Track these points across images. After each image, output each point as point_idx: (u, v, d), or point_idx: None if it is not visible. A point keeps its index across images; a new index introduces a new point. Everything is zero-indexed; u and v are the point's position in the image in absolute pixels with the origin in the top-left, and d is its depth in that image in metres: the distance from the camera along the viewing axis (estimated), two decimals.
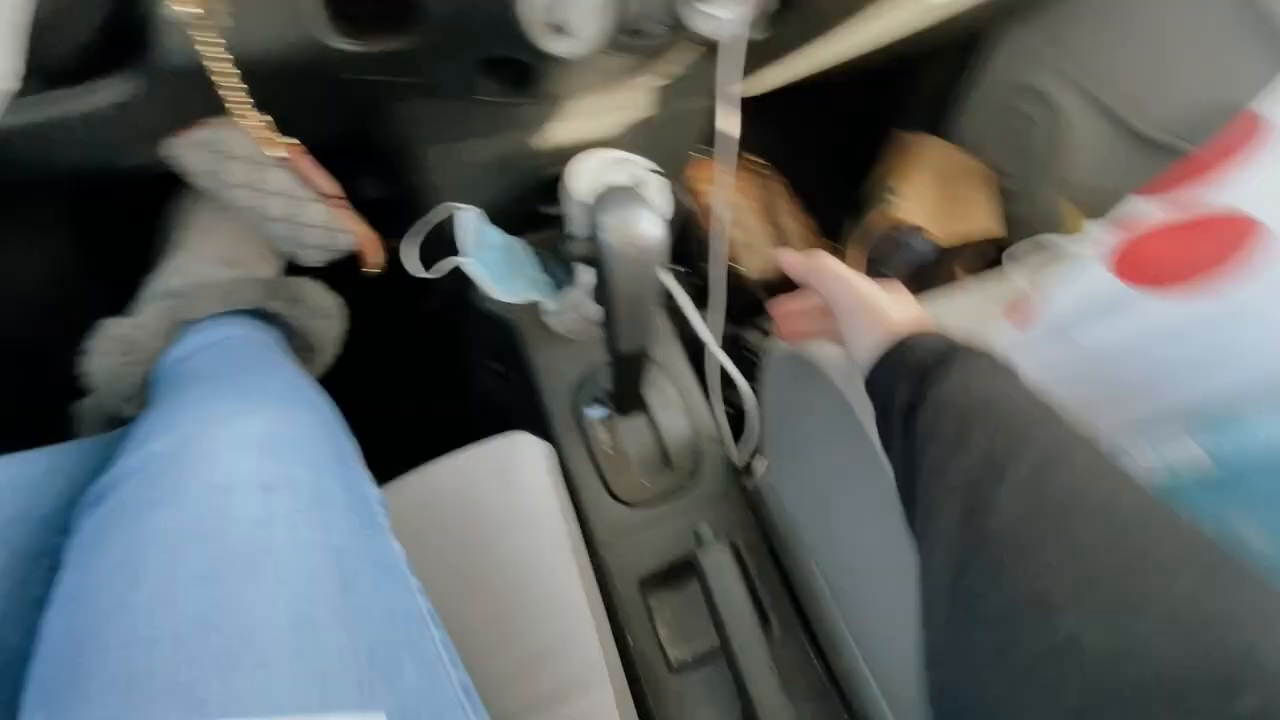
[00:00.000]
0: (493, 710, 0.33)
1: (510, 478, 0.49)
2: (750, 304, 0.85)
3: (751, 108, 0.83)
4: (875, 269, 0.85)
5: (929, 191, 0.85)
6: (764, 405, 0.58)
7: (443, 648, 0.32)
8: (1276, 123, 0.34)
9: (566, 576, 0.45)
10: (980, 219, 0.84)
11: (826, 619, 0.54)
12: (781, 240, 0.90)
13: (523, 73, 0.45)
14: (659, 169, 0.57)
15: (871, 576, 0.47)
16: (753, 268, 0.87)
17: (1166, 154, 0.74)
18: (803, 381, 0.49)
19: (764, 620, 0.52)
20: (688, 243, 0.93)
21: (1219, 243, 0.33)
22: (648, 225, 0.42)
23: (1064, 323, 0.39)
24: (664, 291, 0.56)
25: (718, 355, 0.57)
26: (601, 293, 0.44)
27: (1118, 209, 0.41)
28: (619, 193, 0.43)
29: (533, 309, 0.62)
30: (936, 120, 1.02)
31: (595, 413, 0.59)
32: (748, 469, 0.62)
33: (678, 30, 0.42)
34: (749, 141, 0.97)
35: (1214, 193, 0.35)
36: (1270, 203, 0.32)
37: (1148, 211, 0.38)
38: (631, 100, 0.59)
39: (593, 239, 0.42)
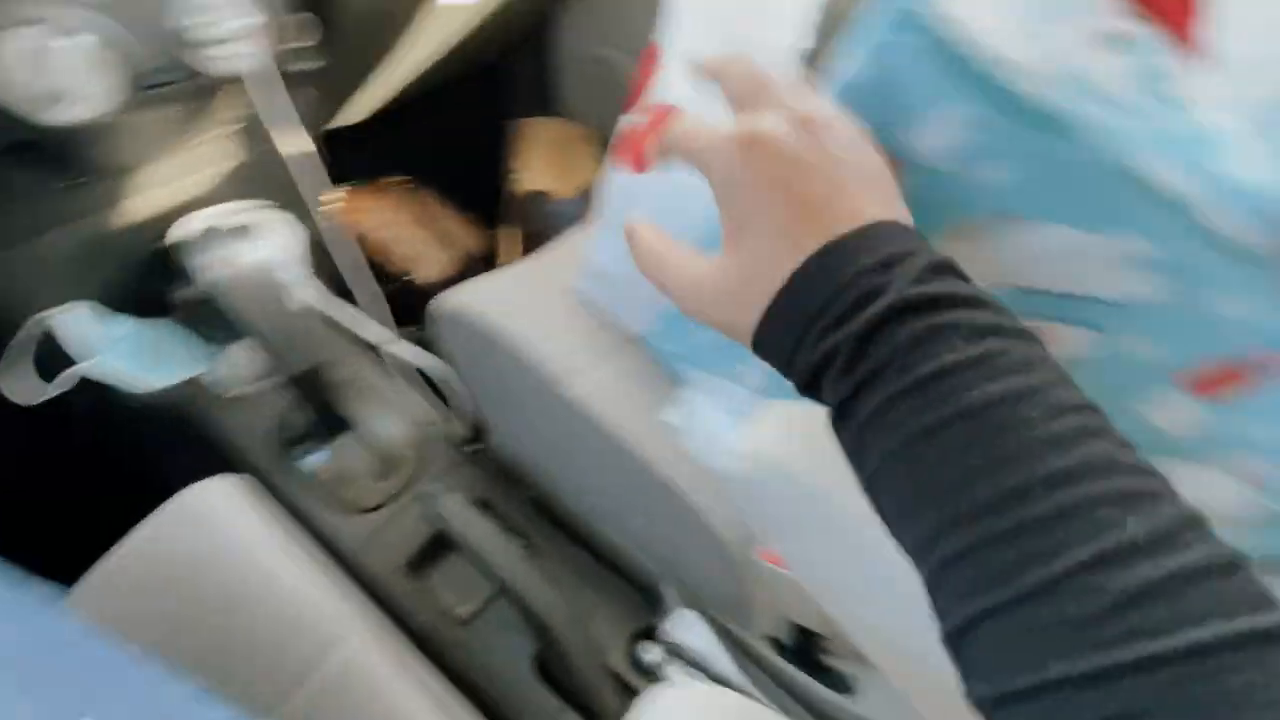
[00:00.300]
0: None
1: (210, 522, 0.48)
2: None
3: (373, 131, 0.88)
4: (533, 243, 0.97)
5: (545, 162, 0.99)
6: (459, 372, 0.65)
7: None
8: (663, 46, 0.50)
9: (306, 594, 0.46)
10: (592, 170, 1.01)
11: (580, 520, 0.64)
12: (447, 242, 0.97)
13: (57, 150, 0.45)
14: (276, 206, 0.60)
15: (602, 489, 0.58)
16: (428, 274, 0.94)
17: None
18: (474, 341, 0.58)
19: (525, 541, 0.61)
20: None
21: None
22: (251, 255, 0.45)
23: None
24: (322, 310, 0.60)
25: (392, 350, 0.63)
26: (242, 329, 0.47)
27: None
28: (214, 233, 0.46)
29: (193, 384, 0.61)
30: (547, 100, 1.18)
31: (304, 454, 0.61)
32: (478, 435, 0.70)
33: (200, 76, 0.45)
34: (385, 164, 1.02)
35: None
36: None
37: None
38: (219, 150, 0.60)
39: (206, 285, 0.45)
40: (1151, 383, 0.31)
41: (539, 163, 1.00)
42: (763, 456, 0.31)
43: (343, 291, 0.66)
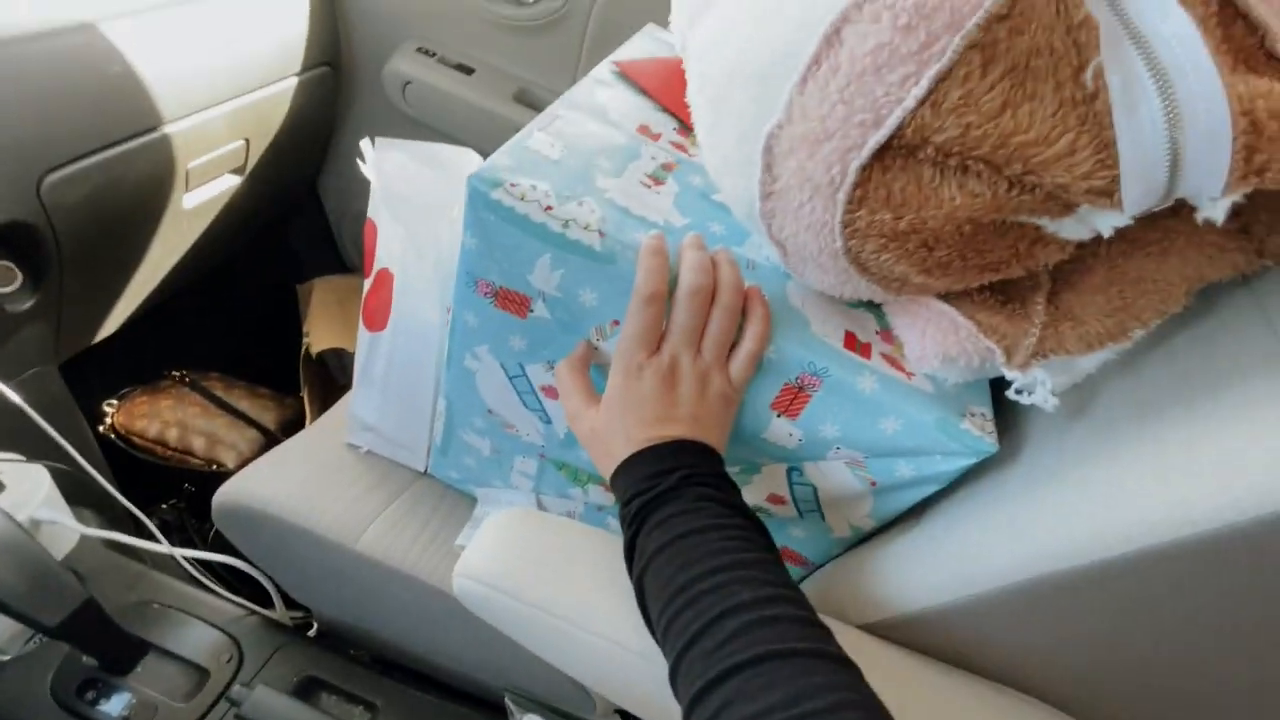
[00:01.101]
0: None
1: None
2: None
3: (143, 332, 0.86)
4: (335, 400, 0.98)
5: (333, 319, 1.02)
6: (257, 561, 0.64)
7: None
8: (374, 220, 0.56)
9: None
10: None
11: (421, 662, 0.64)
12: (244, 421, 0.95)
13: None
14: (12, 456, 0.58)
15: (420, 626, 0.59)
16: (230, 459, 0.91)
17: None
18: (259, 527, 0.58)
19: (366, 705, 0.60)
20: (164, 472, 0.92)
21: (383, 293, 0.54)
22: None
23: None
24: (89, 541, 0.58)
25: (184, 556, 0.61)
26: None
27: None
28: None
29: None
30: (328, 257, 1.22)
31: (98, 700, 0.57)
32: (302, 618, 0.68)
33: None
34: (167, 360, 0.99)
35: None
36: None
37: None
38: None
39: None
40: (760, 414, 0.40)
41: (328, 321, 1.02)
42: (474, 574, 0.35)
43: (122, 517, 0.64)
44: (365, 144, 0.54)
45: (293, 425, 0.99)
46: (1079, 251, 0.34)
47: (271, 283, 1.18)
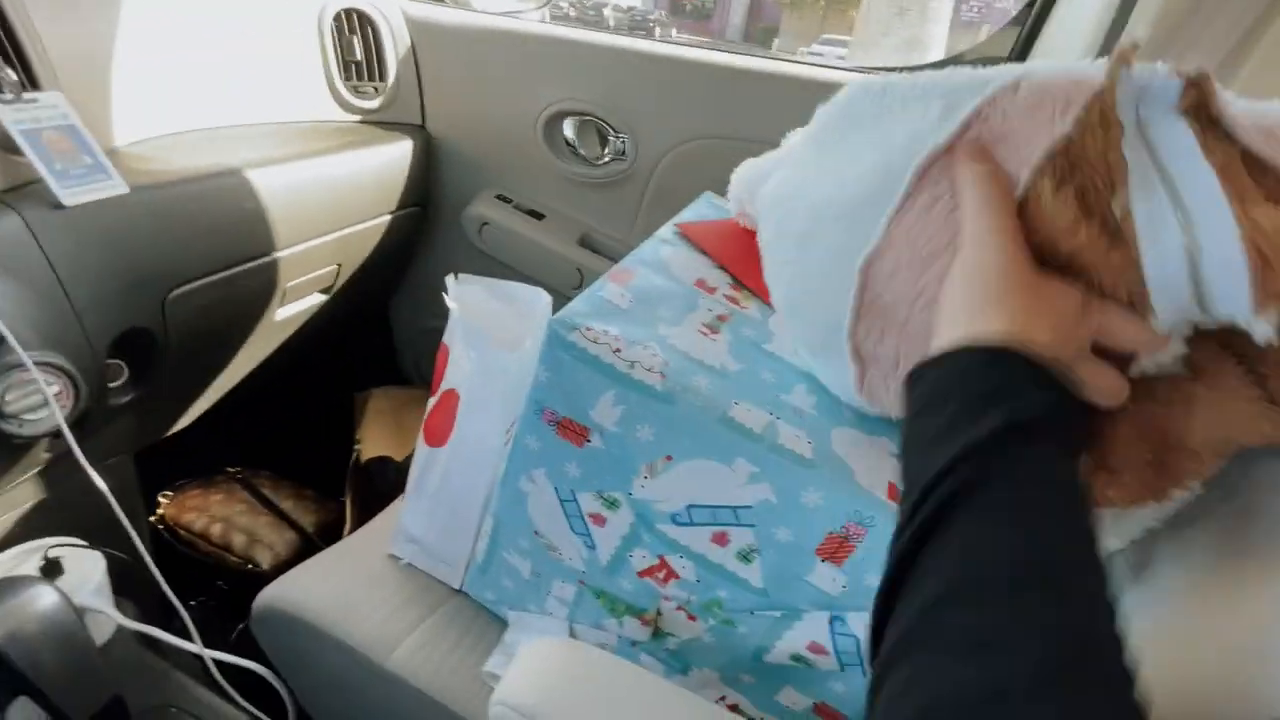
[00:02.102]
0: None
1: None
2: None
3: (211, 428, 0.91)
4: (379, 508, 1.01)
5: (386, 428, 1.07)
6: (282, 671, 0.64)
7: None
8: (450, 345, 0.62)
9: None
10: None
11: None
12: (285, 521, 0.98)
13: None
14: (76, 542, 0.61)
15: None
16: (266, 559, 0.92)
17: None
18: (294, 633, 0.58)
19: None
20: (198, 566, 0.93)
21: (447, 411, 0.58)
22: (45, 599, 0.46)
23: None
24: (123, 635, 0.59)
25: (210, 659, 0.61)
26: (16, 687, 0.46)
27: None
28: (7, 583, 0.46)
29: None
30: (388, 370, 1.29)
31: None
32: None
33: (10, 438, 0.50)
34: (227, 455, 1.04)
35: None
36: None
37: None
38: (18, 497, 0.62)
39: None
40: (806, 558, 0.41)
41: (380, 430, 1.07)
42: (514, 703, 0.35)
43: (152, 610, 0.65)
44: (449, 278, 0.61)
45: (331, 528, 1.00)
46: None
47: (330, 391, 1.25)
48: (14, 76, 0.55)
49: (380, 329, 1.23)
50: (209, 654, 0.62)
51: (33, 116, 0.54)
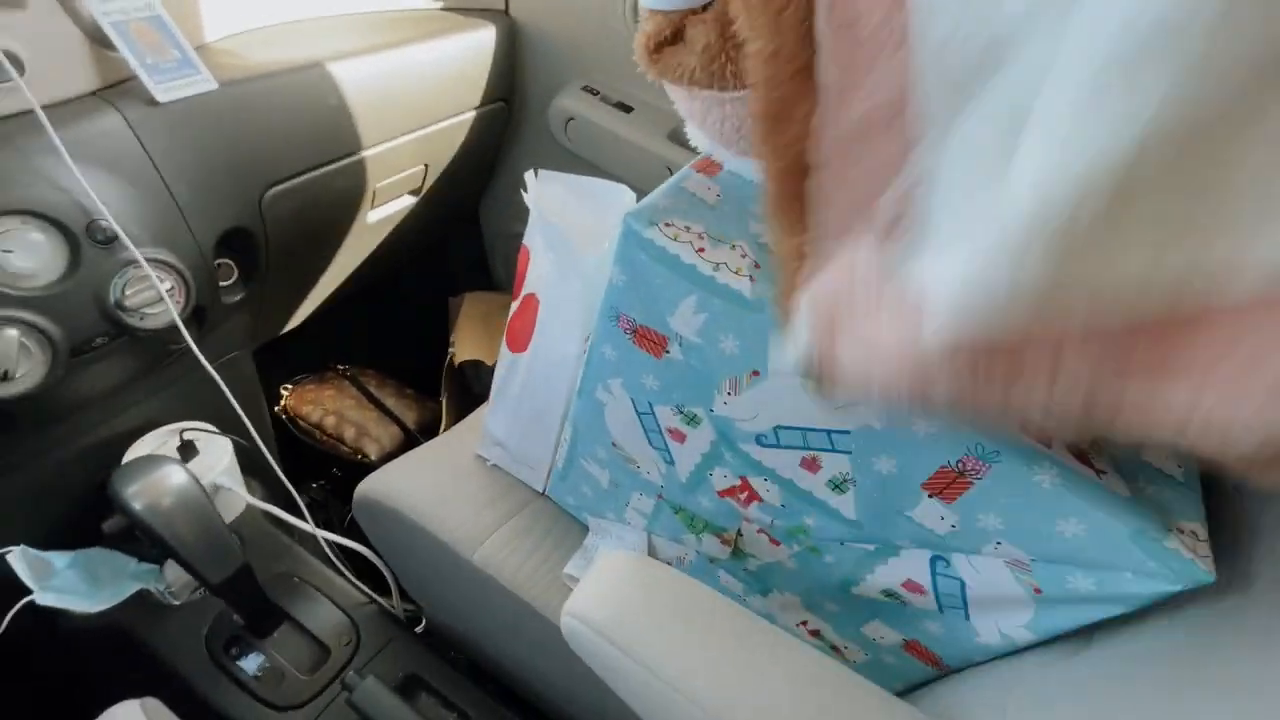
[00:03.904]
0: None
1: None
2: None
3: (320, 327, 0.97)
4: (471, 410, 1.05)
5: (479, 333, 1.09)
6: (383, 554, 0.68)
7: None
8: (529, 246, 0.59)
9: None
10: None
11: (514, 680, 0.65)
12: (389, 417, 1.04)
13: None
14: (207, 427, 0.67)
15: (518, 647, 0.59)
16: (374, 451, 0.99)
17: None
18: (390, 523, 0.62)
19: (457, 714, 0.61)
20: (316, 454, 1.02)
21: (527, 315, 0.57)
22: (178, 477, 0.51)
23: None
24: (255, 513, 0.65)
25: (322, 539, 0.66)
26: (171, 547, 0.51)
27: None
28: (131, 465, 0.51)
29: (129, 602, 0.64)
30: (480, 274, 1.31)
31: (240, 657, 0.63)
32: (415, 613, 0.72)
33: (127, 334, 0.53)
34: (334, 353, 1.11)
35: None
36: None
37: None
38: (151, 384, 0.67)
39: (138, 513, 0.50)
40: (910, 493, 0.36)
41: (473, 334, 1.09)
42: (584, 616, 0.34)
43: (279, 491, 0.71)
44: (529, 175, 0.57)
45: (429, 426, 1.06)
46: None
47: (427, 294, 1.29)
48: None
49: (472, 232, 1.23)
50: (321, 534, 0.68)
51: (120, 8, 0.54)
